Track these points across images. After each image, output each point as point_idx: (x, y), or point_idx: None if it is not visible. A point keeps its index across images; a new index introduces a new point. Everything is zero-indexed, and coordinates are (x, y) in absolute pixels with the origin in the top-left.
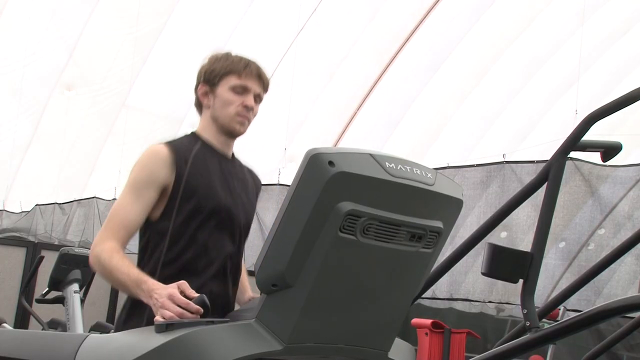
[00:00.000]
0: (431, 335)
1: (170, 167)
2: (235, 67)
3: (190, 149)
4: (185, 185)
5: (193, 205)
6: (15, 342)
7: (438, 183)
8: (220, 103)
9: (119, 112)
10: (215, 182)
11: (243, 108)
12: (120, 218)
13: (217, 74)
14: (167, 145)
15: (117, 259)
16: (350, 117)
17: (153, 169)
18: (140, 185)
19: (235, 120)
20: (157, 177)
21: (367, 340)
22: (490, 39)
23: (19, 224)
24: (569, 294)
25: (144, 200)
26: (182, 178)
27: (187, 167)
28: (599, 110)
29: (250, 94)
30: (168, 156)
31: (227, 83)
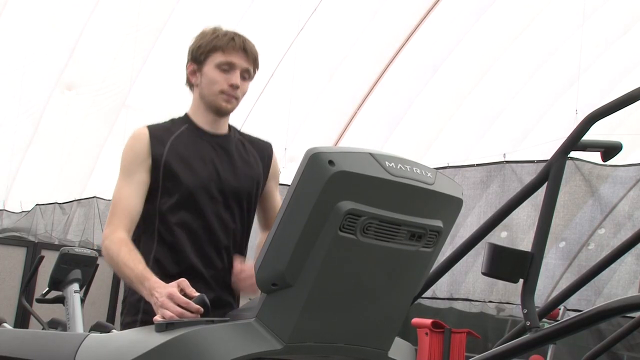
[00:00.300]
0: (431, 335)
1: (149, 148)
2: (219, 42)
3: (172, 132)
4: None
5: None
6: (16, 342)
7: (438, 182)
8: (206, 82)
9: (119, 112)
10: (193, 162)
11: (229, 87)
12: (121, 206)
13: (202, 51)
14: (148, 127)
15: (124, 252)
16: (351, 117)
17: (137, 150)
18: (130, 168)
19: (221, 98)
20: (142, 157)
21: (367, 340)
22: (490, 38)
23: (19, 224)
24: (569, 293)
25: (137, 182)
26: (159, 161)
27: (164, 151)
28: (599, 110)
29: (236, 70)
30: (147, 138)
31: (212, 60)
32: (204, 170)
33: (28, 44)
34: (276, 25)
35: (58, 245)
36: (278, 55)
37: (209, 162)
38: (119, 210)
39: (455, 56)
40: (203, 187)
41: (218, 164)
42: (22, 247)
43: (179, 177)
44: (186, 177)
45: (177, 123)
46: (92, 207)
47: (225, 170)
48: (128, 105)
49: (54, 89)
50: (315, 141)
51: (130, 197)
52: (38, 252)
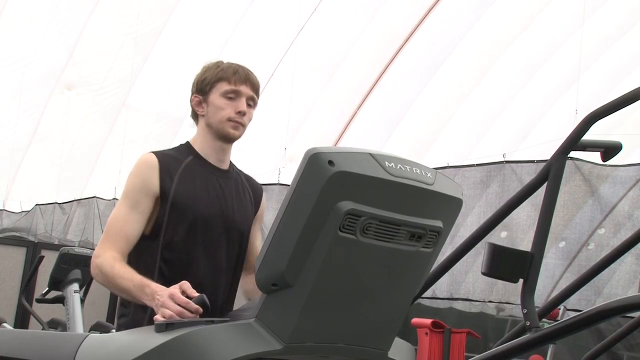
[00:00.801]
0: (431, 335)
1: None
2: (224, 74)
3: (179, 162)
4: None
5: (179, 219)
6: (16, 342)
7: (438, 182)
8: (213, 110)
9: (119, 111)
10: (200, 195)
11: (236, 114)
12: (118, 228)
13: (208, 82)
14: (157, 155)
15: (119, 267)
16: (350, 117)
17: (145, 177)
18: (134, 194)
19: (229, 125)
20: (150, 187)
21: (367, 340)
22: (490, 38)
23: (19, 224)
24: (569, 293)
25: (140, 209)
26: (167, 193)
27: (173, 183)
28: (599, 109)
29: (242, 98)
30: (157, 168)
31: (218, 90)
32: (211, 205)
33: (28, 43)
34: (276, 25)
35: (58, 245)
36: (278, 55)
37: (215, 197)
38: (115, 232)
39: (455, 56)
40: (210, 222)
41: (223, 199)
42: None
43: (187, 209)
44: (194, 211)
45: (183, 152)
46: (92, 207)
47: (228, 206)
48: (128, 105)
49: (54, 89)
50: (315, 141)
51: (129, 223)
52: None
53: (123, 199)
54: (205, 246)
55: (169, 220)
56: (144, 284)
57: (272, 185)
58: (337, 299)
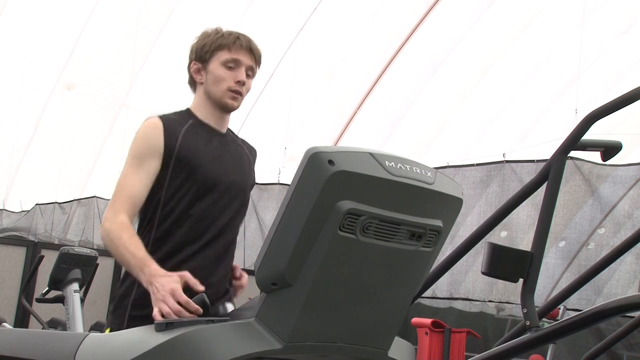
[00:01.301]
0: (431, 334)
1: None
2: (225, 41)
3: (182, 125)
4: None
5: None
6: (16, 342)
7: (438, 182)
8: (212, 79)
9: (119, 111)
10: (205, 157)
11: (235, 83)
12: (126, 192)
13: (207, 49)
14: (162, 118)
15: (126, 237)
16: (351, 117)
17: (151, 139)
18: (141, 156)
19: (228, 96)
20: (156, 147)
21: (367, 339)
22: (490, 38)
23: (19, 224)
24: (569, 293)
25: (146, 171)
26: (172, 152)
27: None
28: (599, 109)
29: (242, 67)
30: (162, 128)
31: (218, 58)
32: (214, 165)
33: (28, 43)
34: (276, 25)
35: (58, 244)
36: (278, 55)
37: (217, 157)
38: (124, 195)
39: (455, 56)
40: (213, 181)
41: (225, 160)
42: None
43: (191, 169)
44: (198, 170)
45: (184, 116)
46: (92, 207)
47: (231, 167)
48: (128, 105)
49: (54, 89)
50: (315, 141)
51: (137, 184)
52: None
53: (130, 162)
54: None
55: (173, 175)
56: (145, 263)
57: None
58: (337, 299)
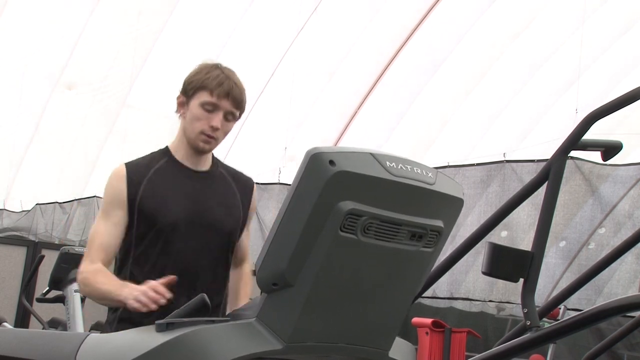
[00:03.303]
0: (432, 334)
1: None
2: (209, 83)
3: (149, 168)
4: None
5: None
6: (16, 342)
7: (438, 182)
8: (190, 117)
9: (119, 111)
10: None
11: (209, 127)
12: (97, 242)
13: (193, 86)
14: (126, 165)
15: (101, 275)
16: (351, 117)
17: (115, 188)
18: (108, 207)
19: (200, 139)
20: (119, 199)
21: (368, 339)
22: (490, 38)
23: (20, 223)
24: (570, 293)
25: (113, 222)
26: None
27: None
28: (599, 109)
29: (219, 112)
30: (125, 178)
31: (198, 98)
32: (182, 206)
33: (28, 43)
34: (276, 25)
35: (58, 244)
36: (278, 55)
37: (188, 196)
38: (95, 245)
39: (455, 56)
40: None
41: (198, 197)
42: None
43: (153, 217)
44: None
45: (157, 157)
46: (92, 207)
47: (207, 204)
48: (128, 105)
49: (54, 89)
50: (315, 141)
51: (106, 235)
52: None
53: (100, 213)
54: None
55: (137, 222)
56: (123, 284)
57: (272, 185)
58: (337, 299)
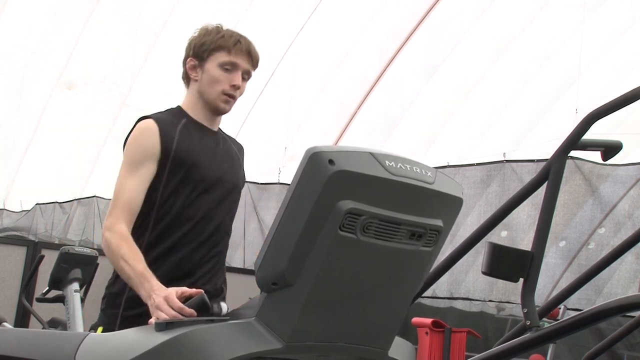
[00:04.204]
0: (431, 334)
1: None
2: (225, 42)
3: (175, 125)
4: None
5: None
6: (16, 341)
7: (438, 181)
8: (207, 79)
9: (119, 111)
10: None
11: (230, 87)
12: (124, 198)
13: (206, 48)
14: (155, 120)
15: (125, 248)
16: (351, 116)
17: (147, 142)
18: (137, 161)
19: (221, 99)
20: (152, 151)
21: (368, 339)
22: (490, 38)
23: (20, 223)
24: (569, 293)
25: (143, 176)
26: (169, 153)
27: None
28: (599, 109)
29: (238, 71)
30: (157, 131)
31: (216, 59)
32: (209, 164)
33: (28, 43)
34: (276, 25)
35: (58, 244)
36: (278, 55)
37: (211, 156)
38: (122, 201)
39: (455, 55)
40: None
41: (219, 160)
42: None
43: (188, 170)
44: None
45: (176, 115)
46: (92, 207)
47: (224, 166)
48: (128, 105)
49: (54, 89)
50: (315, 140)
51: (134, 190)
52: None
53: (126, 166)
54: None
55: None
56: (145, 277)
57: (272, 185)
58: (337, 298)
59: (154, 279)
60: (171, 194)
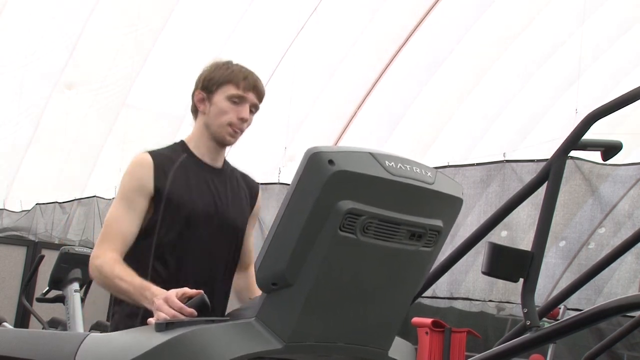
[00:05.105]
0: (431, 334)
1: (153, 178)
2: (234, 77)
3: (173, 161)
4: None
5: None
6: (16, 341)
7: (438, 182)
8: (215, 111)
9: (119, 111)
10: (194, 193)
11: (238, 120)
12: (115, 229)
13: (215, 82)
14: (152, 154)
15: (119, 269)
16: (351, 117)
17: (140, 177)
18: (130, 194)
19: (227, 131)
20: (145, 185)
21: (368, 339)
22: (490, 38)
23: (20, 223)
24: (569, 293)
25: (135, 209)
26: (162, 189)
27: (167, 179)
28: (599, 109)
29: (246, 104)
30: (152, 167)
31: (224, 92)
32: (205, 203)
33: (28, 43)
34: (276, 25)
35: (58, 244)
36: (278, 55)
37: (209, 195)
38: (113, 233)
39: (455, 56)
40: (205, 219)
41: (217, 197)
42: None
43: (181, 208)
44: (189, 208)
45: (177, 151)
46: (92, 207)
47: (223, 204)
48: (128, 105)
49: (54, 89)
50: (315, 141)
51: (126, 223)
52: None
53: (119, 199)
54: (200, 243)
55: (163, 218)
56: (144, 286)
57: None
58: (337, 298)
59: (153, 286)
60: (165, 230)
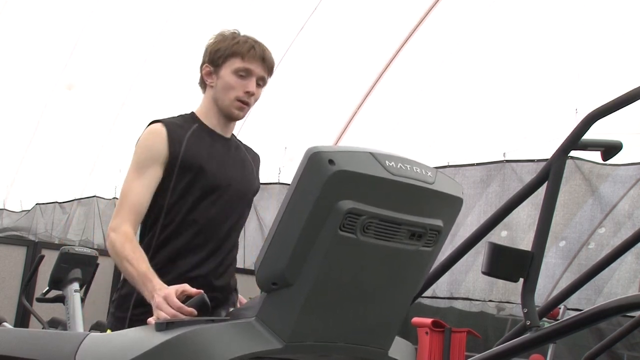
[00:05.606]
0: (431, 334)
1: (167, 145)
2: (239, 48)
3: (185, 130)
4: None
5: (185, 184)
6: (16, 341)
7: (438, 181)
8: (222, 85)
9: (119, 111)
10: (209, 162)
11: (244, 94)
12: (130, 200)
13: (221, 54)
14: (164, 124)
15: (129, 249)
16: (351, 116)
17: (154, 146)
18: (144, 164)
19: (235, 106)
20: (159, 154)
21: (368, 339)
22: (490, 37)
23: (20, 223)
24: (570, 293)
25: (149, 179)
26: (176, 157)
27: (181, 147)
28: (600, 109)
29: (253, 77)
30: (165, 134)
31: (230, 65)
32: (218, 171)
33: (28, 43)
34: (276, 25)
35: (58, 244)
36: (278, 55)
37: (221, 163)
38: (128, 203)
39: (455, 56)
40: (217, 186)
41: (229, 166)
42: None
43: (195, 175)
44: (202, 175)
45: (188, 120)
46: (92, 207)
47: (235, 172)
48: (128, 105)
49: (54, 89)
50: (315, 140)
51: (141, 192)
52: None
53: (134, 169)
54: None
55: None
56: (147, 277)
57: (272, 185)
58: (337, 298)
59: (156, 278)
60: (178, 198)
